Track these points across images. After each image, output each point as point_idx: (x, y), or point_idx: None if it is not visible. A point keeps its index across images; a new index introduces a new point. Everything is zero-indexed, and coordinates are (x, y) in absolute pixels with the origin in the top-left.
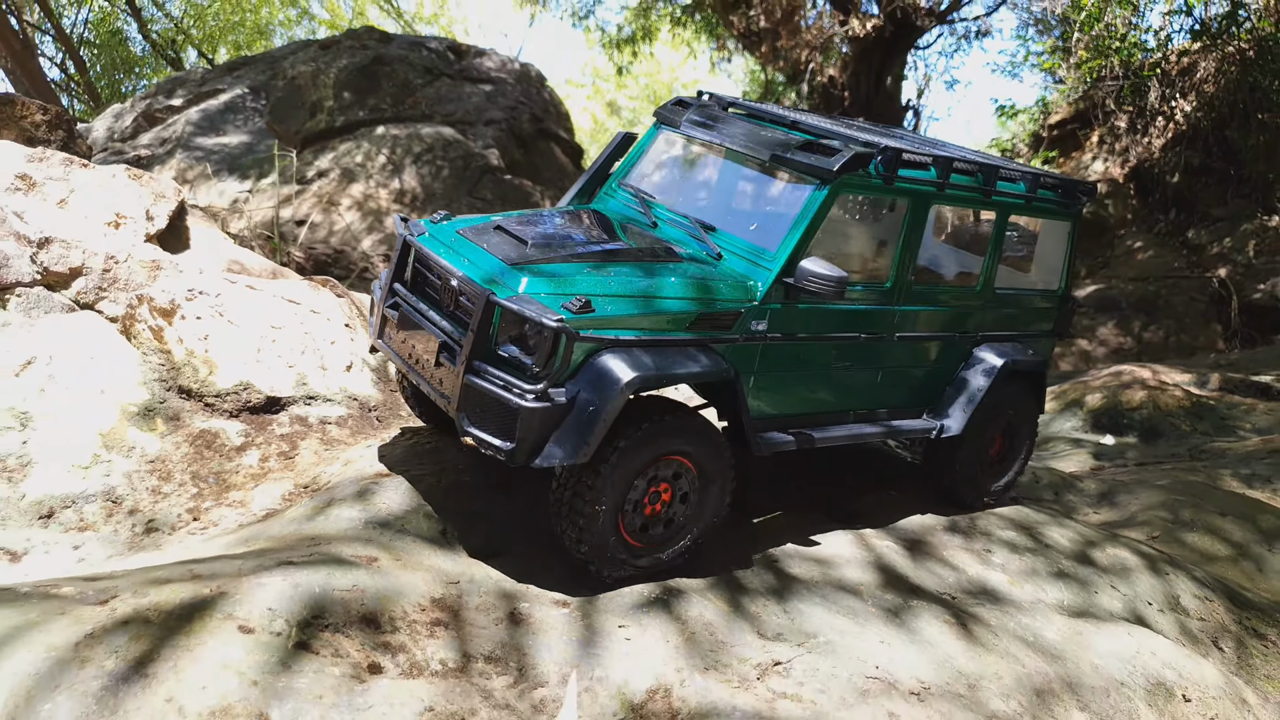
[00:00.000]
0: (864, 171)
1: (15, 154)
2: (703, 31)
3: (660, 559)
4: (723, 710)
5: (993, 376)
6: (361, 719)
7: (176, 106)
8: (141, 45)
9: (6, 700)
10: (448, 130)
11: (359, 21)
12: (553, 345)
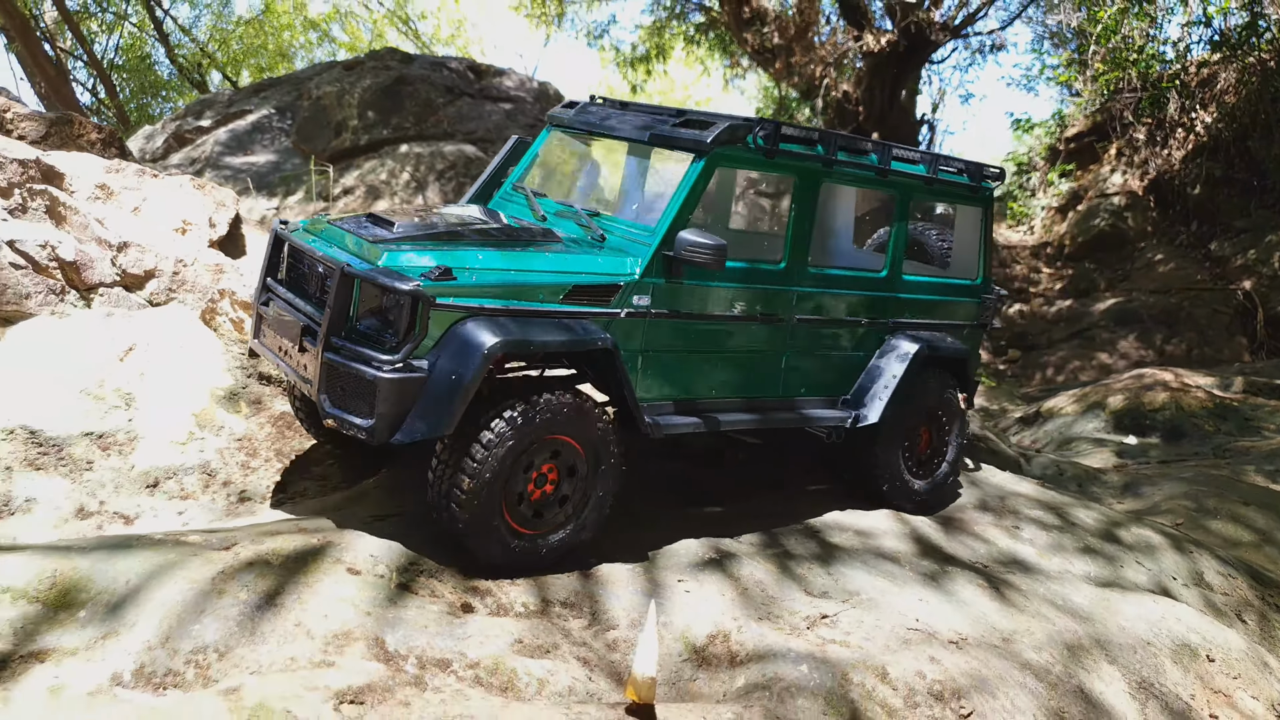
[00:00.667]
0: (742, 144)
1: (95, 165)
2: (716, 49)
3: (542, 545)
4: (779, 651)
5: (907, 362)
6: (462, 645)
7: (205, 127)
8: (168, 69)
9: (162, 620)
10: (469, 148)
11: (378, 44)
12: (410, 312)
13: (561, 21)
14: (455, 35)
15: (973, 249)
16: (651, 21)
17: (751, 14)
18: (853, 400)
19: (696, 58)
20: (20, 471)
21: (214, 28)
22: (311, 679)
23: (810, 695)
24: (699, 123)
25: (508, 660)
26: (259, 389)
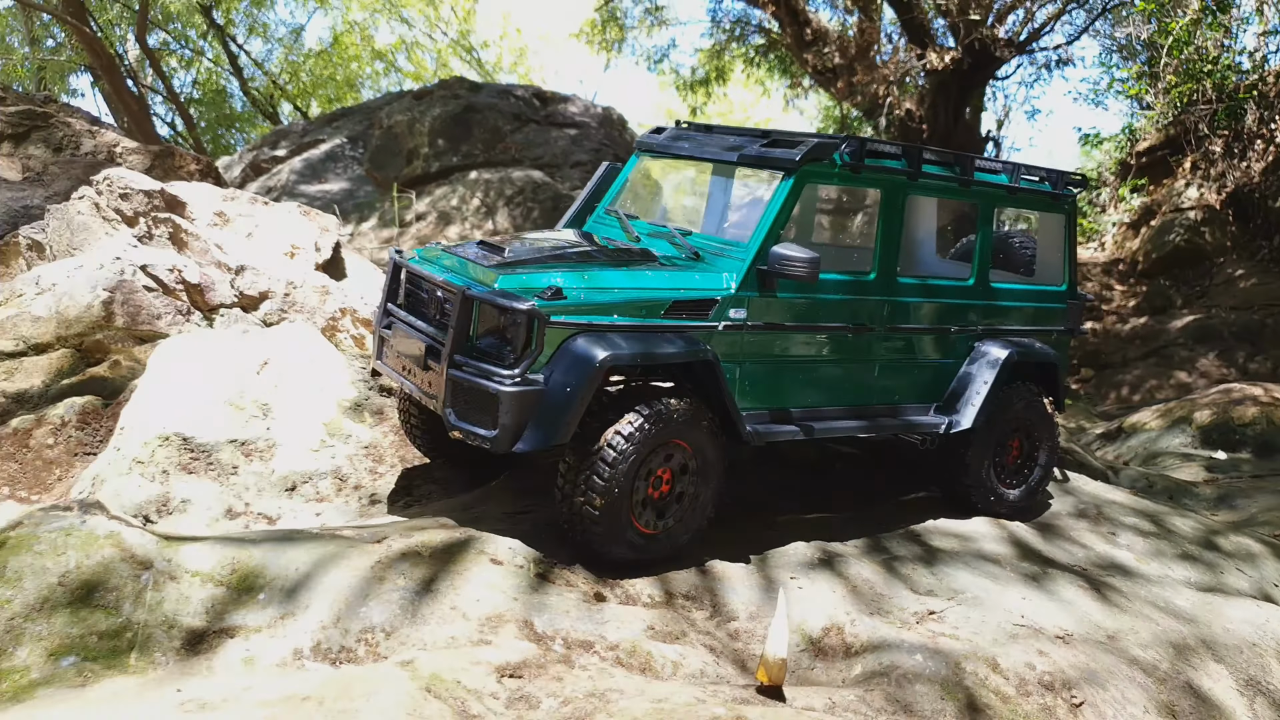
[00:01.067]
0: (828, 161)
1: (213, 194)
2: (776, 70)
3: (662, 544)
4: (892, 642)
5: (998, 368)
6: (602, 629)
7: (280, 157)
8: (242, 101)
9: (332, 603)
10: (537, 173)
11: (443, 73)
12: (526, 330)
13: (621, 47)
14: (517, 63)
15: (1058, 255)
16: (711, 45)
17: (813, 35)
18: (945, 406)
19: (756, 79)
20: (176, 475)
21: (285, 60)
22: (474, 655)
23: (926, 682)
24: (786, 142)
25: (643, 644)
26: (380, 400)
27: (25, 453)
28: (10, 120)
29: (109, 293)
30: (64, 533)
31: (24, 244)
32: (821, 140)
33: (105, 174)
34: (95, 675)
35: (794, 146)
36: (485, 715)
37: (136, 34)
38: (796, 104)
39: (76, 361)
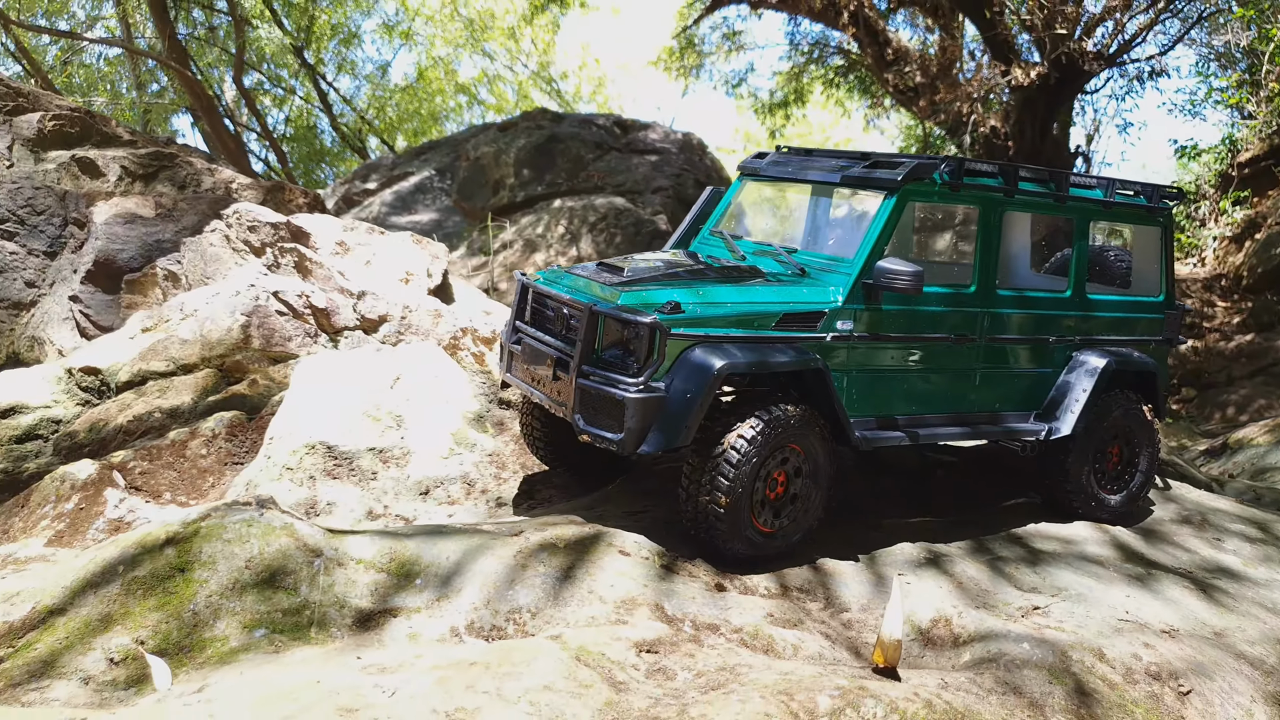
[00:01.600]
0: (929, 180)
1: (333, 225)
2: (855, 90)
3: (779, 541)
4: (999, 632)
5: (1096, 376)
6: (726, 614)
7: (371, 190)
8: (331, 137)
9: (482, 588)
10: (619, 200)
11: (523, 104)
12: (649, 342)
13: (699, 73)
14: (595, 92)
15: (1154, 267)
16: (790, 67)
17: (894, 54)
18: (1045, 414)
19: (836, 100)
20: (321, 480)
21: (372, 96)
22: (614, 632)
23: (1035, 668)
24: (887, 163)
25: (765, 628)
26: (500, 413)
27: (182, 462)
28: (140, 161)
29: (246, 317)
30: (246, 524)
31: (161, 274)
32: (921, 161)
33: (234, 209)
34: (284, 645)
35: (895, 167)
36: (629, 682)
37: (234, 75)
38: (877, 124)
39: (219, 380)
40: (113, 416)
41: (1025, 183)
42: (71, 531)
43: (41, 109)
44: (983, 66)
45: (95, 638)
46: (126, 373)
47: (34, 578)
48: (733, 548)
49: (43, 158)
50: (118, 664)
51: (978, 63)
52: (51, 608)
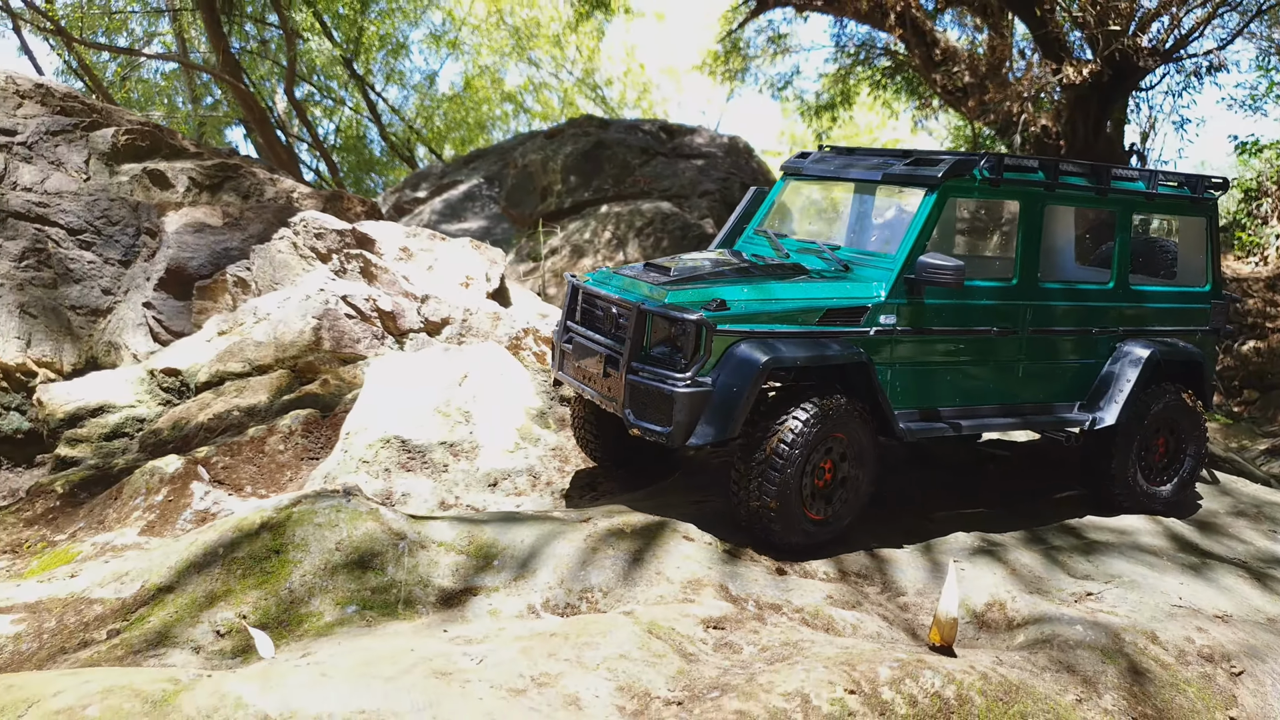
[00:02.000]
0: (969, 176)
1: (397, 231)
2: (903, 91)
3: (829, 528)
4: (1053, 616)
5: (1140, 366)
6: (787, 595)
7: (421, 198)
8: (380, 146)
9: (555, 569)
10: (665, 204)
11: (569, 111)
12: (695, 338)
13: (744, 76)
14: (640, 97)
15: (1200, 257)
16: (836, 69)
17: (942, 55)
18: (1089, 404)
19: (883, 101)
20: (396, 472)
21: (420, 105)
22: (681, 610)
23: (1088, 649)
24: (928, 160)
25: (825, 609)
26: (561, 409)
27: (261, 457)
28: (207, 172)
29: (317, 320)
30: (334, 509)
31: (230, 280)
32: (961, 157)
33: (301, 216)
34: (375, 620)
35: (935, 164)
36: (699, 654)
37: (285, 87)
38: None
39: (292, 380)
40: (194, 415)
41: (1067, 176)
42: (161, 521)
43: (114, 124)
44: (1033, 65)
45: (202, 612)
46: (205, 374)
47: (139, 560)
48: (790, 541)
49: (116, 171)
50: (224, 635)
51: (1028, 61)
52: (160, 585)
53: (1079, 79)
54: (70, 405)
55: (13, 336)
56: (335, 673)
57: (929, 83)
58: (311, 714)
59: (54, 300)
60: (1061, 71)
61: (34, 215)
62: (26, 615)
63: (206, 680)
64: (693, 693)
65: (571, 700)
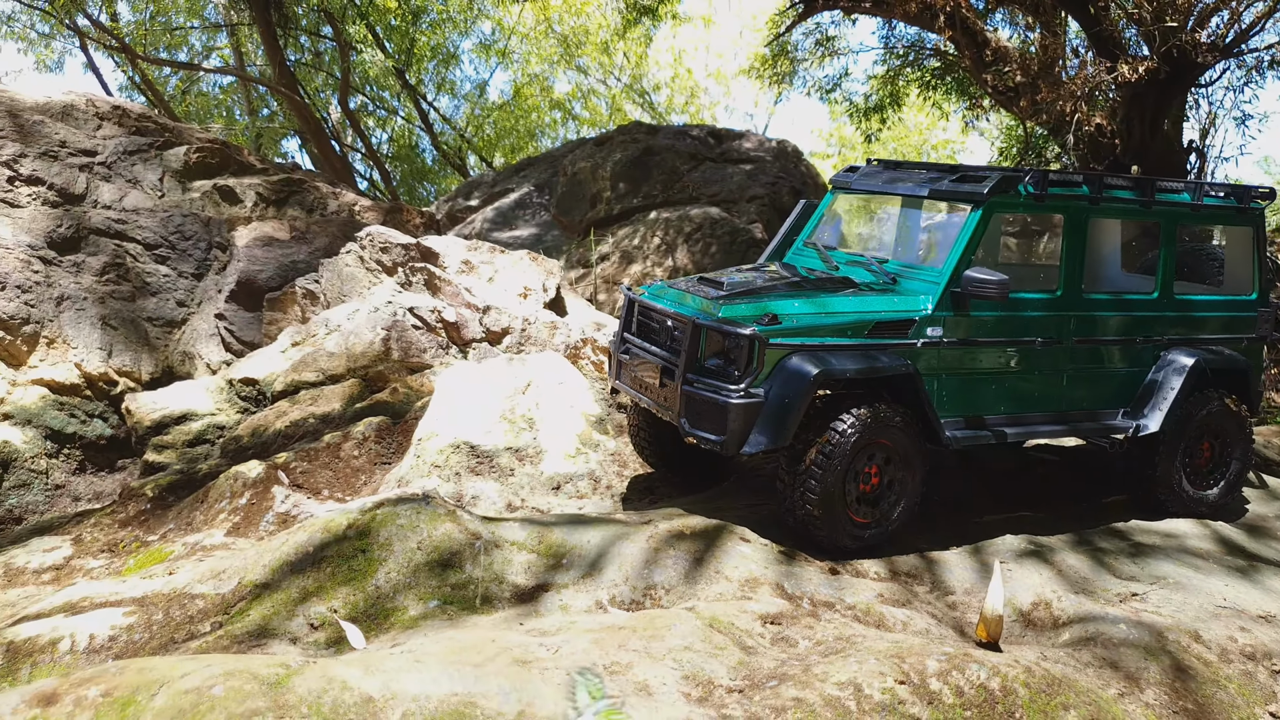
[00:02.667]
0: (1014, 191)
1: (459, 245)
2: (953, 91)
3: (875, 532)
4: (1098, 615)
5: (1185, 374)
6: (840, 593)
7: (474, 206)
8: (432, 155)
9: (620, 567)
10: (714, 210)
11: (617, 118)
12: (749, 351)
13: (793, 79)
14: (688, 103)
15: (1246, 267)
16: (884, 71)
17: (993, 55)
18: (1133, 411)
19: (933, 101)
20: (466, 476)
21: (470, 114)
22: (740, 606)
23: (1131, 646)
24: (974, 177)
25: (876, 606)
26: (619, 416)
27: (337, 462)
28: (273, 187)
29: (386, 331)
30: (415, 511)
31: (300, 293)
32: (1007, 174)
33: (367, 231)
34: (456, 614)
35: (981, 181)
36: (757, 647)
37: (339, 98)
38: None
39: (363, 389)
40: (271, 422)
41: (1111, 190)
42: (246, 523)
43: (185, 142)
44: (1087, 63)
45: (297, 607)
46: (281, 383)
47: (235, 559)
48: (837, 544)
49: (188, 187)
50: (317, 628)
51: (1081, 59)
52: (256, 582)
53: (1135, 77)
54: (156, 413)
55: (95, 347)
56: (429, 659)
57: (979, 83)
58: (410, 695)
59: (132, 312)
60: (1116, 69)
61: (113, 231)
62: (136, 609)
63: (314, 665)
64: (752, 681)
65: (642, 687)
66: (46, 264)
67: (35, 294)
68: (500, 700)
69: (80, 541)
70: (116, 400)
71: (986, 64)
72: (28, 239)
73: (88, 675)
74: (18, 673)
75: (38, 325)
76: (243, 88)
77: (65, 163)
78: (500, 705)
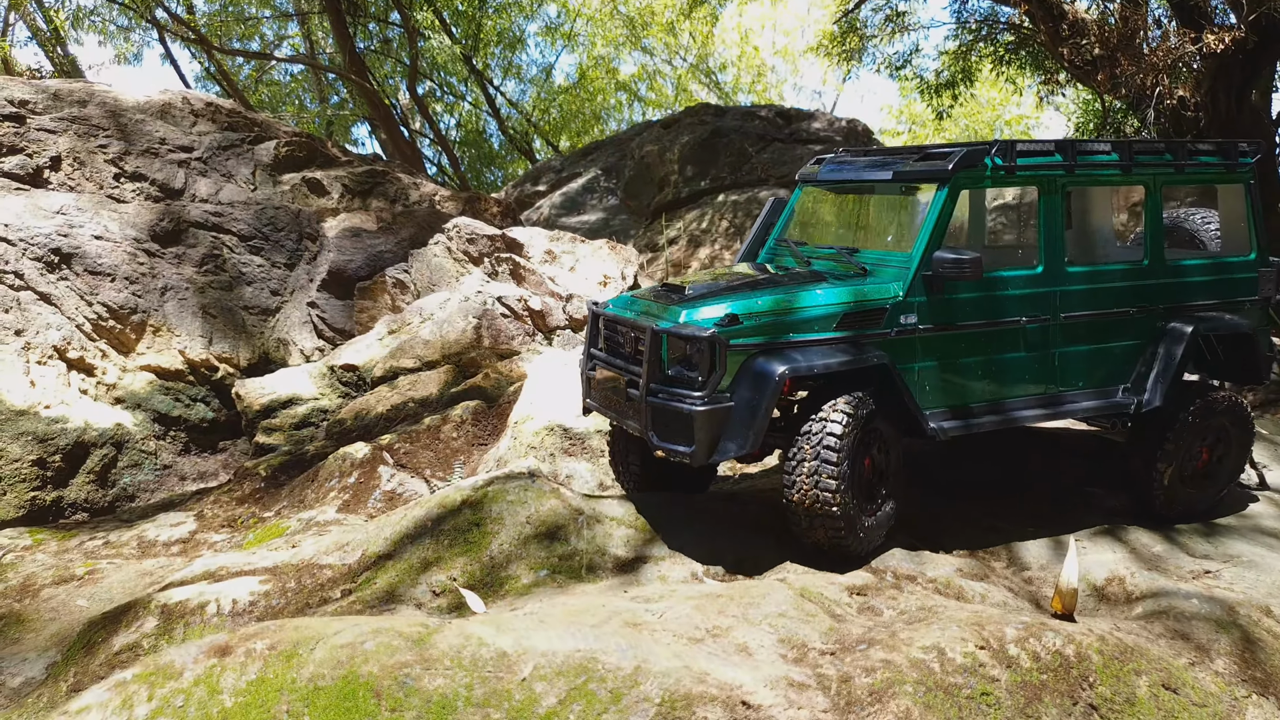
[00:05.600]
0: (980, 165)
1: (541, 236)
2: (1028, 66)
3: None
4: (1170, 590)
5: (1184, 343)
6: (921, 568)
7: (542, 191)
8: (499, 139)
9: (714, 540)
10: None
11: (682, 98)
12: (710, 355)
13: (861, 56)
14: (755, 81)
15: (1241, 225)
16: (956, 46)
17: (1070, 28)
18: (1133, 388)
19: (1007, 76)
20: (560, 456)
21: (537, 98)
22: (828, 578)
23: (1203, 620)
24: (939, 154)
25: (956, 580)
26: None
27: (437, 443)
28: (358, 179)
29: (477, 320)
30: (522, 488)
31: (390, 282)
32: (971, 148)
33: (454, 223)
34: (565, 583)
35: (945, 158)
36: (845, 615)
37: (408, 84)
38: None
39: (457, 375)
40: (372, 406)
41: (1086, 155)
42: (355, 501)
43: (274, 136)
44: (1170, 34)
45: (419, 575)
46: (380, 369)
47: (354, 533)
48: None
49: (279, 181)
50: (439, 595)
51: (1164, 30)
52: (379, 553)
53: (1221, 47)
54: (265, 398)
55: (197, 335)
56: (551, 620)
57: (1056, 57)
58: (539, 650)
59: (230, 301)
60: (1202, 40)
61: (211, 224)
62: (269, 577)
63: (451, 624)
64: (843, 645)
65: (742, 648)
66: (151, 256)
67: (142, 285)
68: (618, 657)
69: (203, 517)
70: (217, 385)
71: (1064, 37)
72: (133, 233)
73: (252, 631)
74: (173, 632)
75: (144, 314)
76: (313, 76)
77: (165, 159)
78: (619, 661)
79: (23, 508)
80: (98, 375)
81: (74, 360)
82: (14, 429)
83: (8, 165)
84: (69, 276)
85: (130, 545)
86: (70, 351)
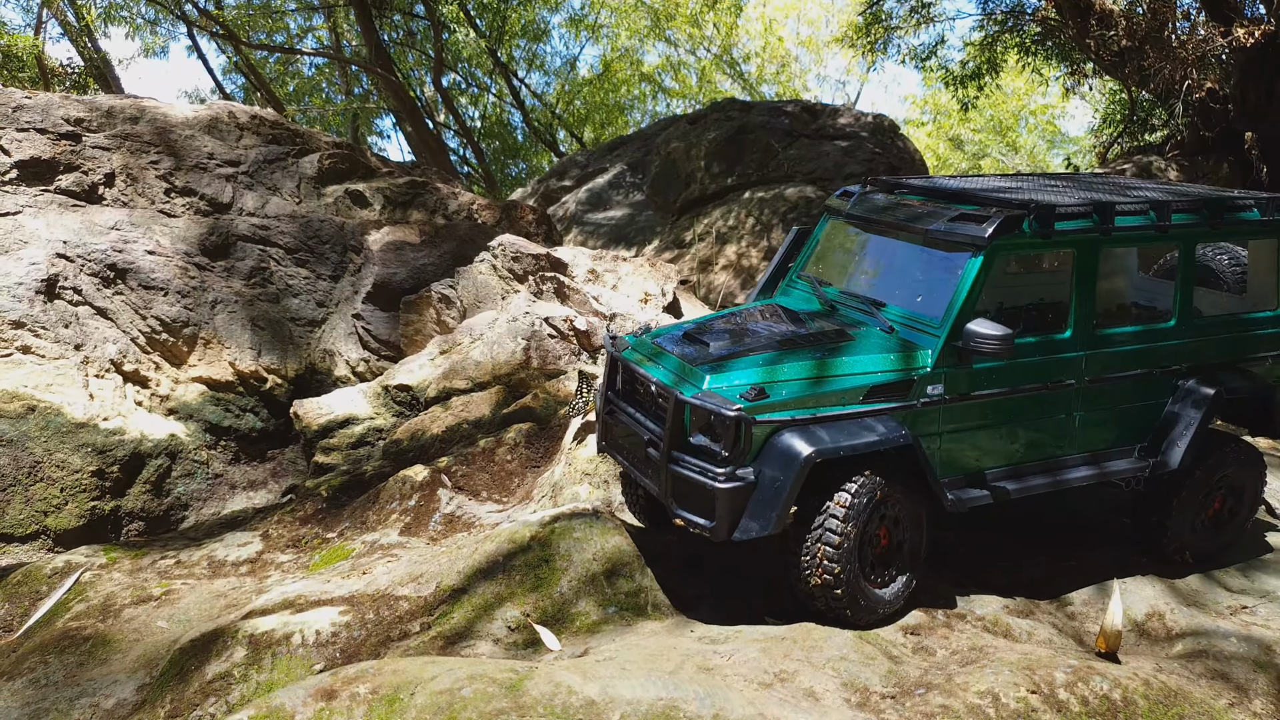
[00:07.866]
0: (1018, 231)
1: (585, 255)
2: (1054, 57)
3: (886, 597)
4: (1208, 629)
5: (1205, 407)
6: (970, 606)
7: (568, 186)
8: (523, 131)
9: (773, 577)
10: (809, 188)
11: (707, 90)
12: (735, 431)
13: (886, 47)
14: (779, 72)
15: (1270, 279)
16: (981, 37)
17: (1097, 19)
18: (1150, 448)
19: (1033, 67)
20: (614, 483)
21: (561, 90)
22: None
23: (1240, 660)
24: (975, 216)
25: (1003, 617)
26: None
27: (492, 466)
28: (398, 190)
29: (525, 341)
30: (587, 525)
31: (435, 297)
32: (1008, 214)
33: (499, 241)
34: (632, 619)
35: (982, 221)
36: (901, 656)
37: (433, 77)
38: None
39: (507, 396)
40: (427, 427)
41: (1123, 218)
42: (416, 523)
43: (316, 149)
44: (1198, 26)
45: (494, 610)
46: (433, 390)
47: (427, 564)
48: (860, 620)
49: (322, 193)
50: (514, 630)
51: (1192, 23)
52: (453, 587)
53: (1250, 41)
54: (323, 418)
55: (246, 347)
56: (631, 667)
57: (1082, 48)
58: (625, 699)
59: (277, 313)
60: (1231, 33)
61: (258, 238)
62: (348, 608)
63: (540, 670)
64: (902, 689)
65: (809, 693)
66: (201, 270)
67: (193, 298)
68: (697, 705)
69: (268, 537)
70: (266, 395)
71: (1091, 29)
72: (184, 247)
73: (353, 674)
74: (261, 662)
75: (195, 327)
76: (338, 68)
77: (213, 173)
78: (699, 709)
79: (83, 517)
80: (152, 387)
81: (129, 373)
82: (75, 441)
83: (65, 183)
84: (124, 291)
85: (201, 565)
86: (126, 364)
